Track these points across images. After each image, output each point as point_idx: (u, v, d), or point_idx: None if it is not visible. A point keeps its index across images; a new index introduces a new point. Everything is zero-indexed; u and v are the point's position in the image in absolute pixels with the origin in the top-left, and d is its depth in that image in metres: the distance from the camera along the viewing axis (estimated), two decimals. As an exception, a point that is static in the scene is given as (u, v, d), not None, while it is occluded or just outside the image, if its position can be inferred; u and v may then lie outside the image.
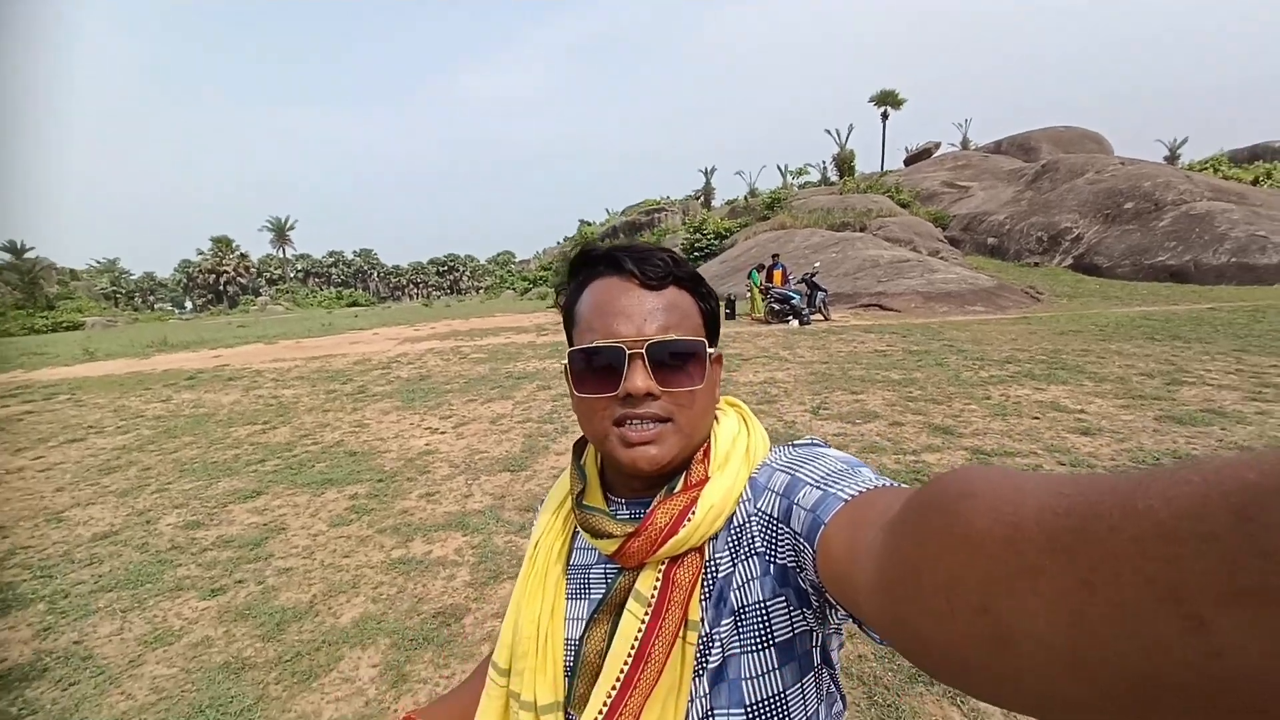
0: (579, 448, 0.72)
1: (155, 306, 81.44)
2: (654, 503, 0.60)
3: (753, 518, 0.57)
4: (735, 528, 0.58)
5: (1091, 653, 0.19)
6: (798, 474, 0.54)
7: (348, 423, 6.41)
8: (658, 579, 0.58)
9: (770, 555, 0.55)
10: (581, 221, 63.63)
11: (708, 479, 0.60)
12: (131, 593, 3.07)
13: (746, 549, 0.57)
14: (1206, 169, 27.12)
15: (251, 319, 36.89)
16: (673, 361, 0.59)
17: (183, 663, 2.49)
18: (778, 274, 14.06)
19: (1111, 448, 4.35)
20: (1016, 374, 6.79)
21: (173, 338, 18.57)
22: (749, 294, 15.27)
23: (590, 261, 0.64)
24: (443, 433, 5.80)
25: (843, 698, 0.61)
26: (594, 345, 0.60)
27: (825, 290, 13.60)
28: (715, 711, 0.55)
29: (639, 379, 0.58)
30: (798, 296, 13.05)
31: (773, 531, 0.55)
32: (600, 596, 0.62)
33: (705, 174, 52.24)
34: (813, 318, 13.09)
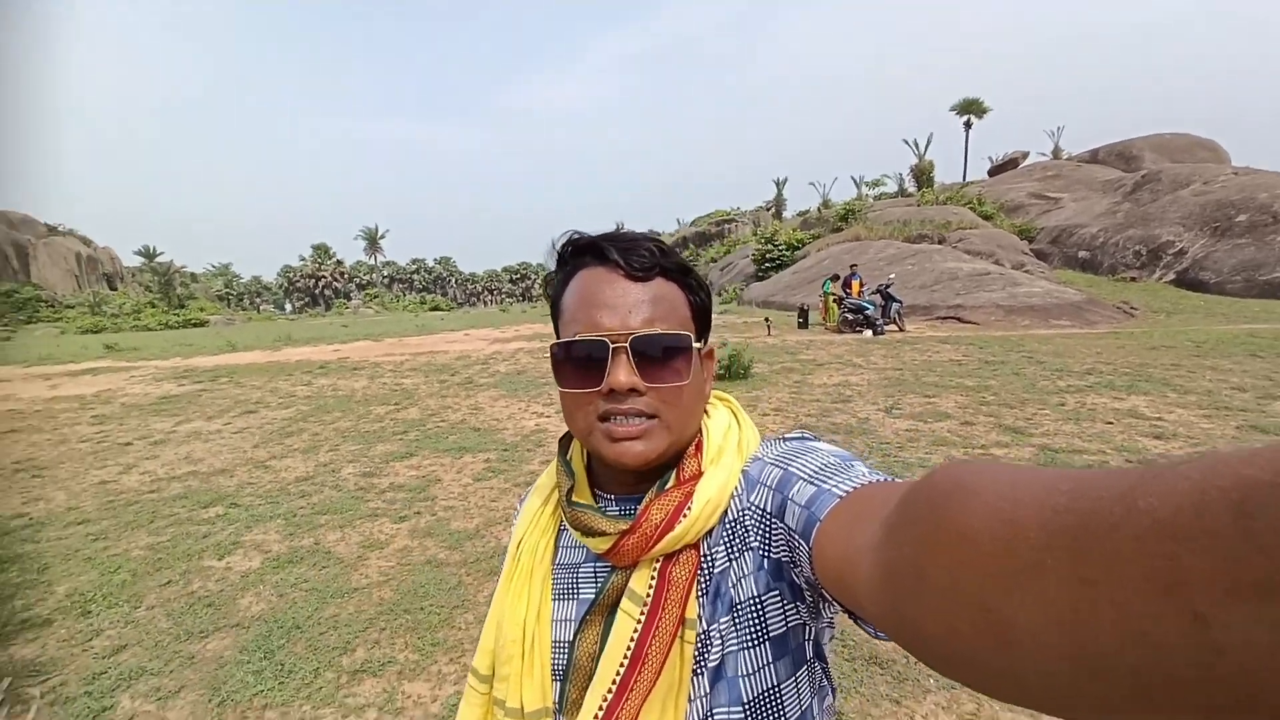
0: (564, 443, 0.71)
1: (260, 308, 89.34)
2: (646, 499, 0.58)
3: (746, 512, 0.56)
4: (729, 522, 0.58)
5: (1094, 651, 0.19)
6: (790, 468, 0.53)
7: (465, 406, 7.40)
8: (653, 577, 0.57)
9: (764, 550, 0.54)
10: (651, 231, 64.89)
11: (701, 474, 0.59)
12: (340, 516, 4.01)
13: (741, 544, 0.56)
14: (1340, 177, 24.68)
15: (348, 320, 40.19)
16: (659, 356, 0.58)
17: (396, 559, 3.35)
18: (855, 284, 14.28)
19: (1184, 451, 4.55)
20: (1096, 384, 6.88)
21: (295, 334, 20.89)
22: (822, 304, 15.54)
23: (577, 251, 0.63)
24: (548, 416, 6.64)
25: (833, 689, 0.61)
26: (576, 338, 0.59)
27: (900, 301, 13.69)
28: (715, 710, 0.54)
29: (622, 374, 0.57)
30: (871, 306, 13.24)
31: (766, 526, 0.54)
32: (591, 597, 0.61)
33: (777, 184, 52.26)
34: (887, 328, 13.24)
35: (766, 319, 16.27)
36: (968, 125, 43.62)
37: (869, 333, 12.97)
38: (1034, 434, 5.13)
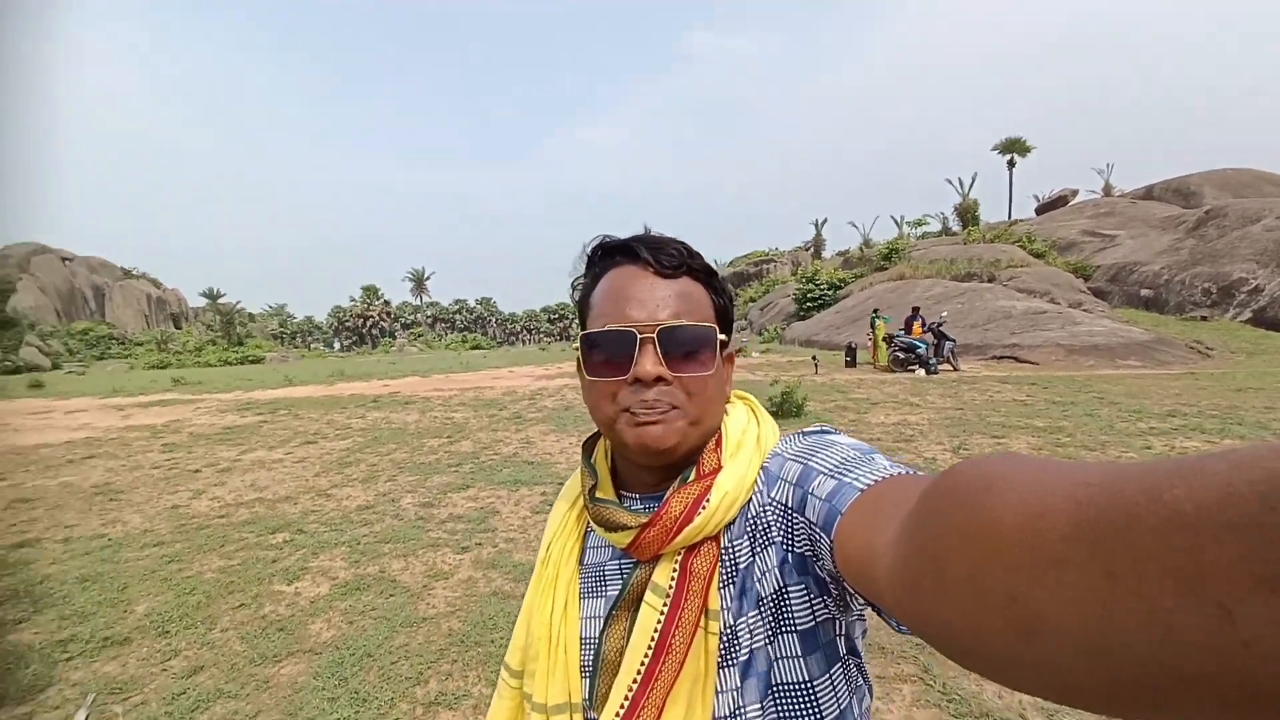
0: (589, 446, 0.73)
1: (311, 346, 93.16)
2: (667, 493, 0.60)
3: (767, 507, 0.57)
4: (751, 517, 0.58)
5: (1119, 644, 0.19)
6: (811, 463, 0.54)
7: (516, 440, 7.41)
8: (675, 569, 0.58)
9: (787, 545, 0.54)
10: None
11: (721, 467, 0.60)
12: (403, 545, 3.99)
13: (763, 539, 0.56)
14: None
15: (395, 358, 41.50)
16: (684, 348, 0.60)
17: (461, 590, 3.29)
18: (916, 325, 13.95)
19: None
20: (1182, 427, 6.44)
21: (346, 370, 21.63)
22: (871, 342, 15.21)
23: (608, 253, 0.65)
24: (600, 451, 6.57)
25: (870, 688, 0.61)
26: (605, 329, 0.60)
27: (953, 340, 13.30)
28: (746, 704, 0.55)
29: (649, 363, 0.58)
30: (924, 346, 12.88)
31: (788, 521, 0.54)
32: (616, 593, 0.62)
33: (816, 225, 52.36)
34: (940, 367, 12.83)
35: (814, 357, 16.01)
36: (1011, 164, 43.19)
37: (921, 371, 12.59)
38: (1122, 477, 4.78)
